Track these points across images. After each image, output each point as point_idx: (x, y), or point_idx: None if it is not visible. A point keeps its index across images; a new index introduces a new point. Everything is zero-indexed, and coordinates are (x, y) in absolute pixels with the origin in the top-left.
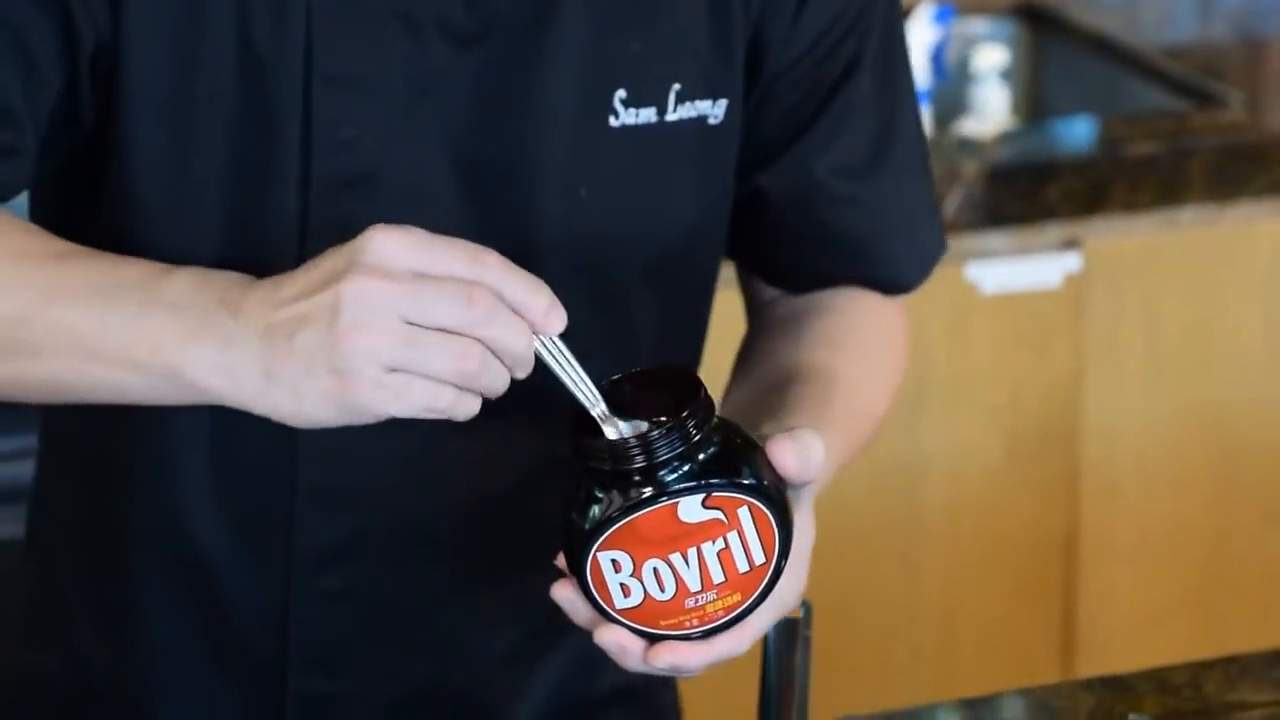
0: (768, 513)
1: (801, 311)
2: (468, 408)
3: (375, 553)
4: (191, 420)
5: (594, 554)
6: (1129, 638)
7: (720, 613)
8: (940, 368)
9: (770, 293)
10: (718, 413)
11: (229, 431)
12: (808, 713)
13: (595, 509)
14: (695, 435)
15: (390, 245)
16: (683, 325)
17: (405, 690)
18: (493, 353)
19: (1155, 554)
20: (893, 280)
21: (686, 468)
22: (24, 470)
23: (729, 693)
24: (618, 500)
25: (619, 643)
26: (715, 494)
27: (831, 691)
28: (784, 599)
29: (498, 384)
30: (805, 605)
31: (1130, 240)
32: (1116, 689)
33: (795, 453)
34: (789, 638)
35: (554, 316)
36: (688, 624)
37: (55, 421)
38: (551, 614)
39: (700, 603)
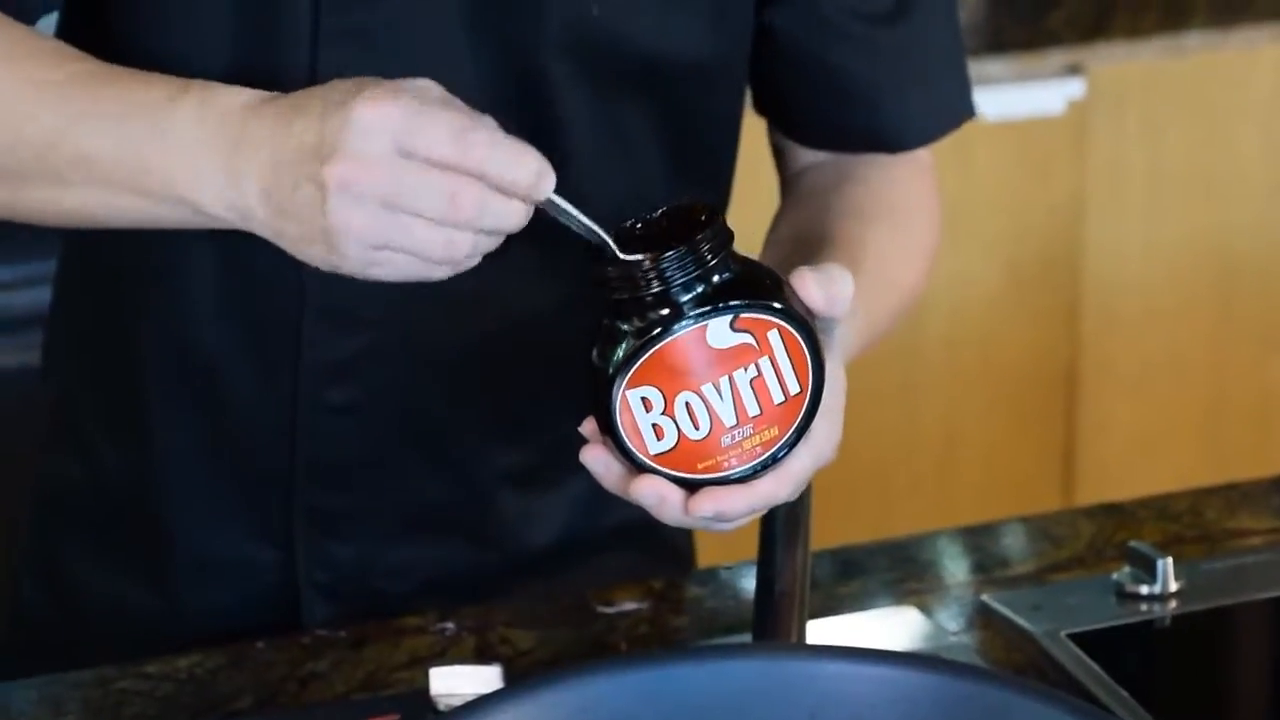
0: (799, 336)
1: (830, 183)
2: (467, 266)
3: (382, 370)
4: (201, 236)
5: (624, 392)
6: (1129, 465)
7: (759, 449)
8: (942, 196)
9: (799, 163)
10: None
11: (240, 248)
12: (810, 544)
13: (622, 343)
14: (714, 256)
15: (374, 120)
16: (701, 173)
17: (412, 509)
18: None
19: (1156, 381)
20: (894, 137)
21: (709, 289)
22: (40, 296)
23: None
24: (643, 327)
25: (657, 492)
26: (743, 315)
27: (832, 521)
28: (821, 448)
29: (492, 247)
30: None
31: (1133, 66)
32: (1116, 516)
33: (820, 285)
34: None
35: (543, 183)
36: (725, 464)
37: (73, 239)
38: (560, 439)
39: (737, 439)
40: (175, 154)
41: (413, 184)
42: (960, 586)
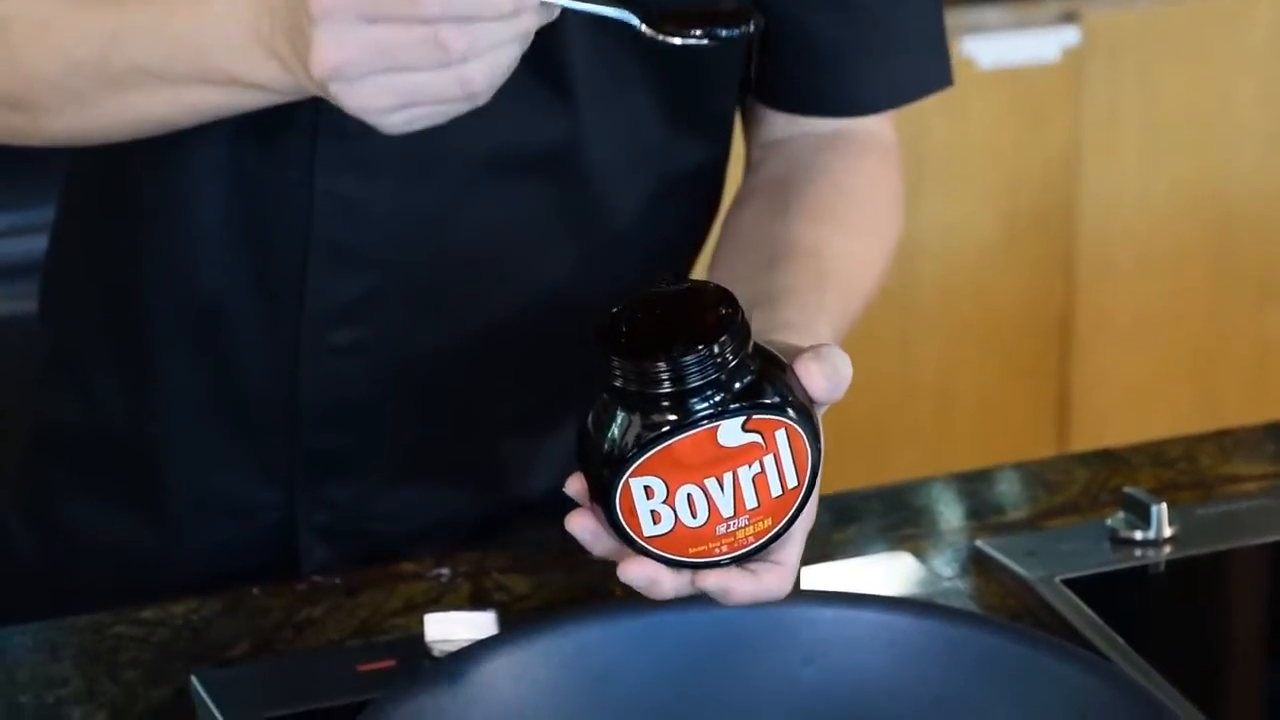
0: (803, 434)
1: (793, 175)
2: (501, 81)
3: (386, 312)
4: (209, 169)
5: (626, 480)
6: (1124, 413)
7: (750, 538)
8: (936, 145)
9: (765, 134)
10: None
11: (246, 188)
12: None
13: (630, 433)
14: (734, 358)
15: (330, 5)
16: (699, 127)
17: (412, 452)
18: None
19: (1151, 330)
20: (853, 102)
21: (724, 392)
22: (33, 244)
23: None
24: (657, 423)
25: (649, 575)
26: (756, 416)
27: (828, 468)
28: (806, 526)
29: (512, 59)
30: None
31: (1129, 13)
32: (1111, 462)
33: (824, 375)
34: None
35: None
36: (716, 550)
37: (74, 172)
38: (562, 386)
39: (731, 529)
40: (220, 40)
41: (392, 48)
42: (955, 532)
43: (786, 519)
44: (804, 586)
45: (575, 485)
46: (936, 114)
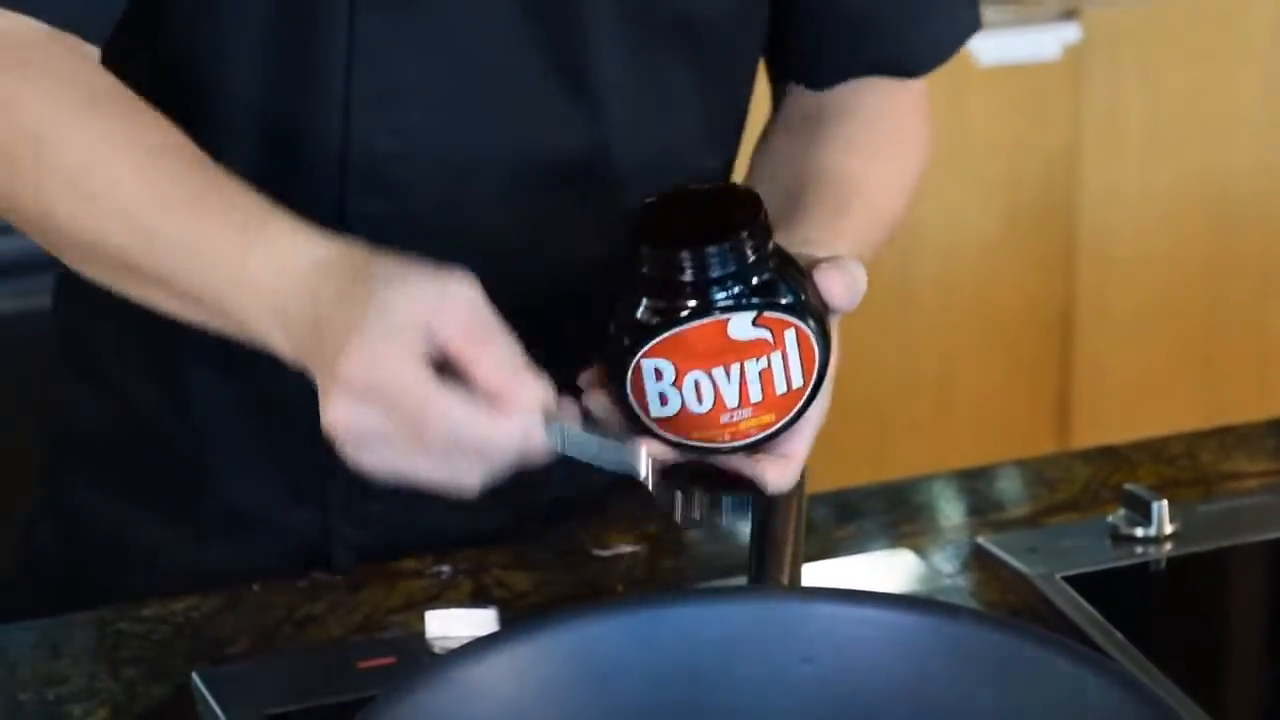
0: (812, 338)
1: (819, 110)
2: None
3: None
4: (241, 121)
5: (639, 360)
6: (1125, 409)
7: (753, 430)
8: (937, 141)
9: (790, 88)
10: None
11: (280, 122)
12: (805, 486)
13: (647, 316)
14: (753, 255)
15: (356, 378)
16: (726, 127)
17: None
18: None
19: (1152, 325)
20: (901, 65)
21: (741, 286)
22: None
23: None
24: (671, 309)
25: (653, 454)
26: (767, 314)
27: (829, 465)
28: (816, 423)
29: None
30: None
31: (1129, 10)
32: (1112, 459)
33: (843, 283)
34: None
35: (530, 446)
36: (720, 438)
37: None
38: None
39: (734, 419)
40: (247, 297)
41: (393, 441)
42: (955, 529)
43: (789, 417)
44: (804, 583)
45: (587, 377)
46: (938, 110)
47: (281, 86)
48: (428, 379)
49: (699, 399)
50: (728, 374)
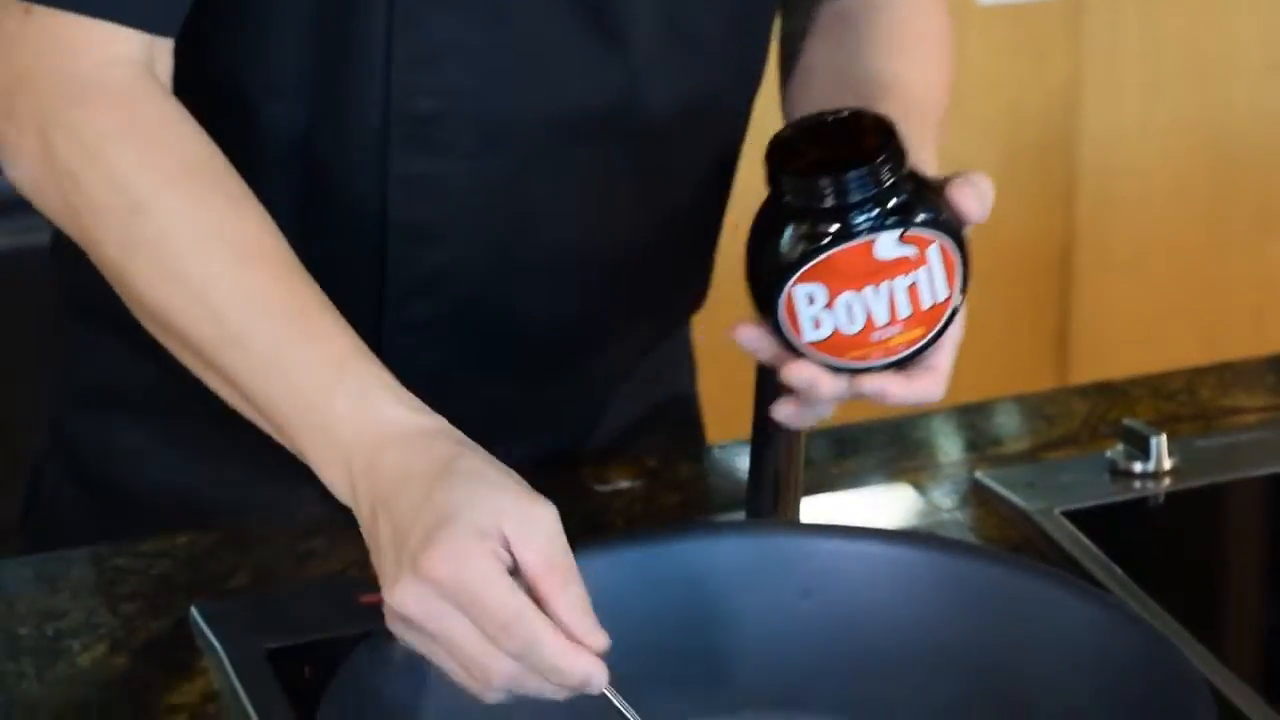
0: (954, 250)
1: (850, 12)
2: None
3: (461, 283)
4: (282, 159)
5: (791, 288)
6: (1124, 346)
7: (903, 345)
8: None
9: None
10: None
11: (319, 169)
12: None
13: (795, 244)
14: (892, 176)
15: (434, 576)
16: (751, 74)
17: (484, 418)
18: None
19: (1151, 262)
20: None
21: (883, 207)
22: None
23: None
24: (818, 236)
25: (809, 377)
26: (911, 231)
27: None
28: (958, 335)
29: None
30: None
31: None
32: (1111, 395)
33: (975, 196)
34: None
35: (590, 686)
36: (872, 355)
37: None
38: (629, 338)
39: (885, 336)
40: (317, 440)
41: (452, 641)
42: (954, 465)
43: (937, 328)
44: (803, 518)
45: (746, 332)
46: None
47: (324, 53)
48: (519, 591)
49: (850, 319)
50: (877, 292)
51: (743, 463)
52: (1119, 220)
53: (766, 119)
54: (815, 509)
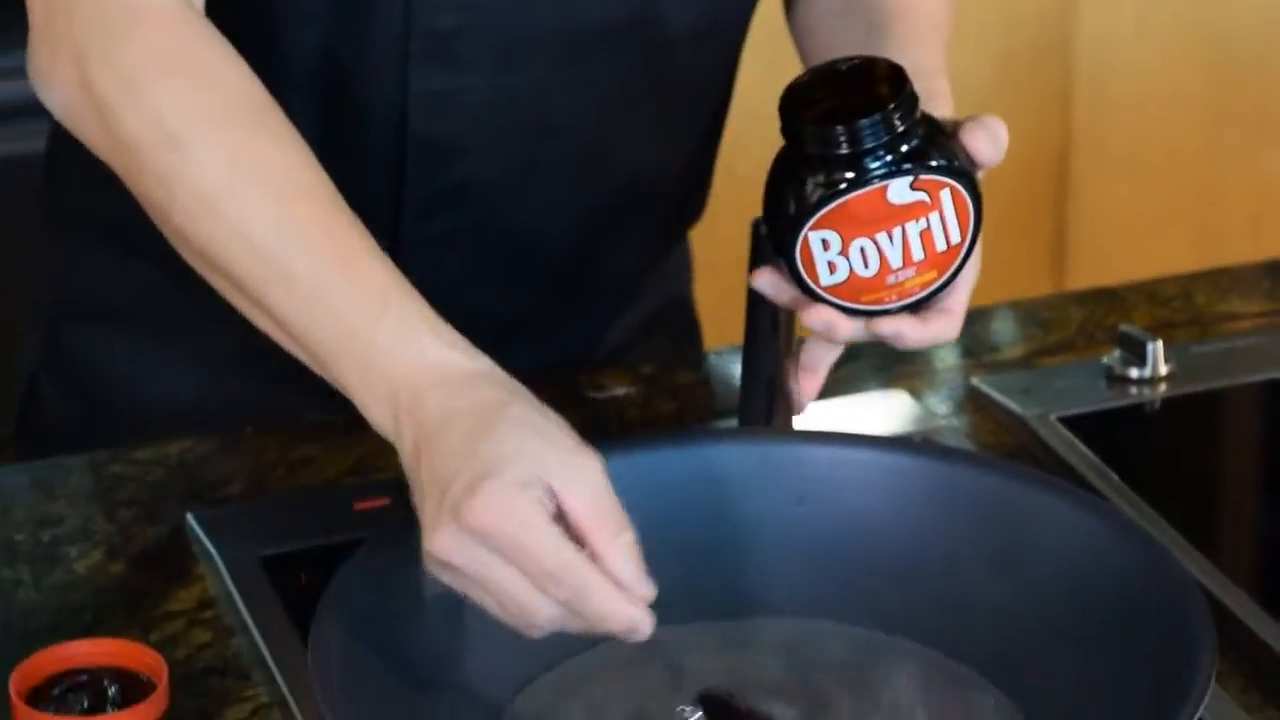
0: (966, 195)
1: None
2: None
3: (480, 198)
4: (301, 72)
5: (806, 233)
6: (1121, 251)
7: (917, 288)
8: None
9: None
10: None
11: (339, 84)
12: (795, 327)
13: (809, 191)
14: (904, 123)
15: (478, 525)
16: None
17: (500, 329)
18: None
19: (1148, 168)
20: None
21: (897, 152)
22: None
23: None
24: (832, 182)
25: (827, 320)
26: (923, 176)
27: None
28: (971, 277)
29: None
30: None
31: None
32: (1107, 300)
33: (988, 139)
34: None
35: (635, 635)
36: (887, 299)
37: None
38: (642, 253)
39: (900, 279)
40: (359, 379)
41: (492, 584)
42: (950, 371)
43: (950, 271)
44: (797, 425)
45: (764, 278)
46: None
47: None
48: (566, 540)
49: (865, 264)
50: (890, 237)
51: (739, 369)
52: (1116, 124)
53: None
54: (811, 415)
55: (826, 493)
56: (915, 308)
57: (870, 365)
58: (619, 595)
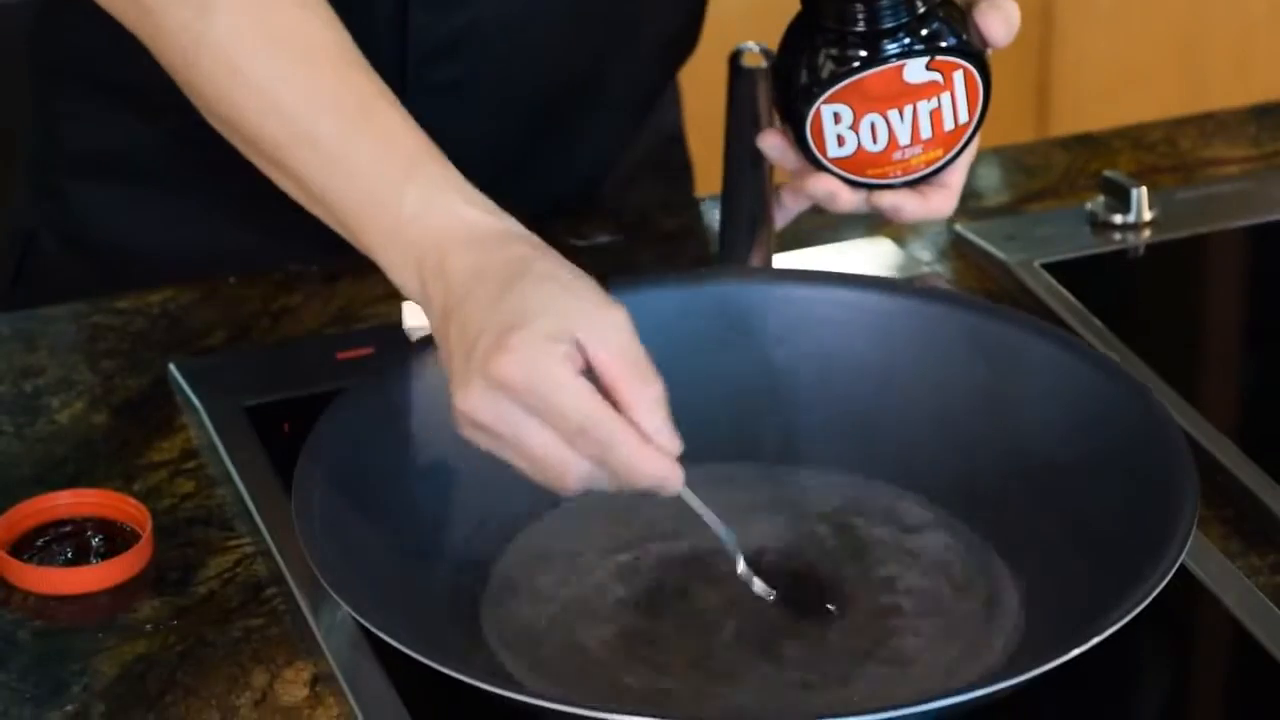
0: (978, 75)
1: None
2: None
3: (483, 48)
4: None
5: (819, 105)
6: (1104, 97)
7: (921, 165)
8: None
9: None
10: None
11: None
12: (773, 168)
13: (827, 65)
14: (924, 5)
15: (506, 380)
16: None
17: (502, 181)
18: None
19: (1132, 12)
20: None
21: (916, 33)
22: None
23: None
24: (849, 59)
25: (830, 190)
26: (939, 57)
27: None
28: (971, 154)
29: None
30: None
31: None
32: (1091, 146)
33: (1001, 20)
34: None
35: (667, 487)
36: (891, 174)
37: None
38: (638, 102)
39: (906, 156)
40: (384, 241)
41: (522, 442)
42: None
43: (956, 150)
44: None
45: (770, 139)
46: None
47: None
48: (594, 394)
49: (874, 139)
50: (901, 115)
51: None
52: None
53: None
54: (793, 262)
55: (807, 333)
56: (915, 183)
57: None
58: (647, 448)
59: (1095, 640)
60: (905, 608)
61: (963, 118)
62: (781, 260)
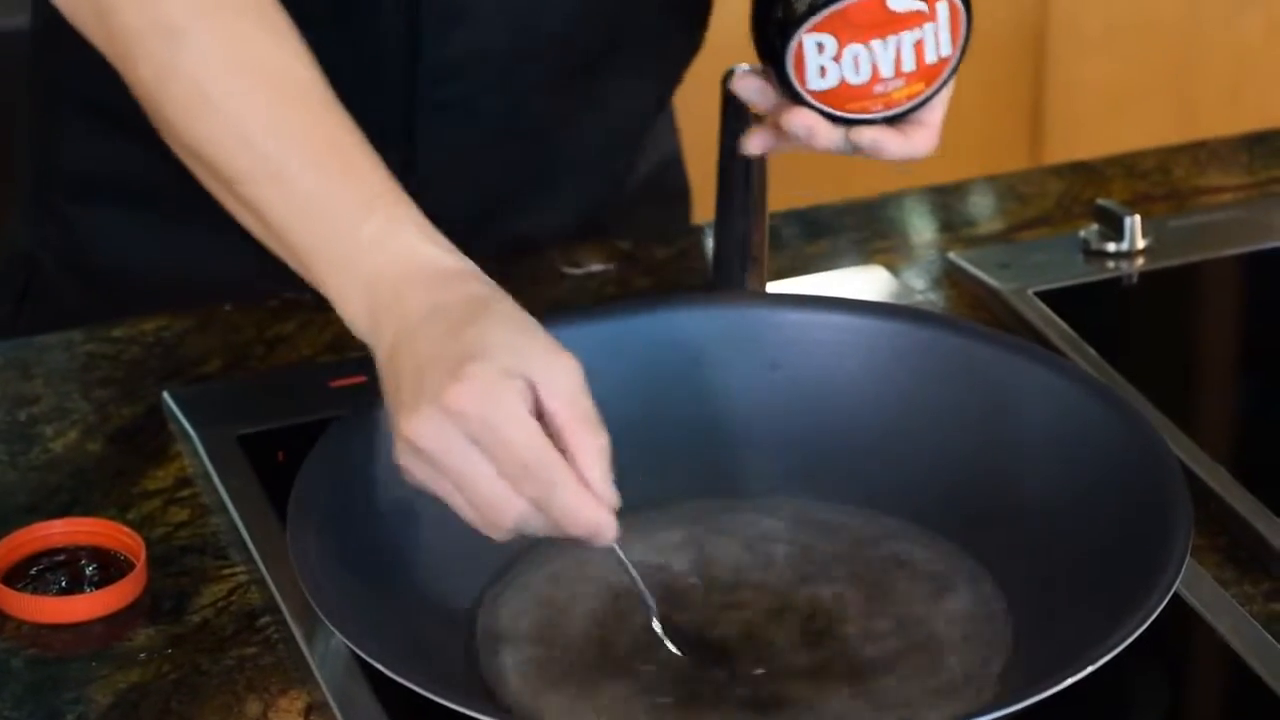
0: (961, 5)
1: None
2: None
3: (490, 64)
4: None
5: (802, 36)
6: (1098, 125)
7: (903, 99)
8: None
9: None
10: None
11: None
12: (766, 193)
13: None
14: None
15: (456, 407)
16: None
17: (503, 200)
18: None
19: (1126, 40)
20: None
21: None
22: None
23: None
24: None
25: (808, 125)
26: None
27: (798, 180)
28: (949, 93)
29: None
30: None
31: None
32: (1084, 174)
33: None
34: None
35: (598, 540)
36: (872, 108)
37: None
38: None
39: (888, 89)
40: (335, 271)
41: (464, 478)
42: (927, 245)
43: (938, 84)
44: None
45: (745, 80)
46: None
47: None
48: (543, 434)
49: (856, 70)
50: (885, 45)
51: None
52: None
53: None
54: (788, 290)
55: (800, 357)
56: (894, 120)
57: (847, 240)
58: (589, 495)
59: (1089, 668)
60: (895, 633)
61: (945, 50)
62: (776, 287)
